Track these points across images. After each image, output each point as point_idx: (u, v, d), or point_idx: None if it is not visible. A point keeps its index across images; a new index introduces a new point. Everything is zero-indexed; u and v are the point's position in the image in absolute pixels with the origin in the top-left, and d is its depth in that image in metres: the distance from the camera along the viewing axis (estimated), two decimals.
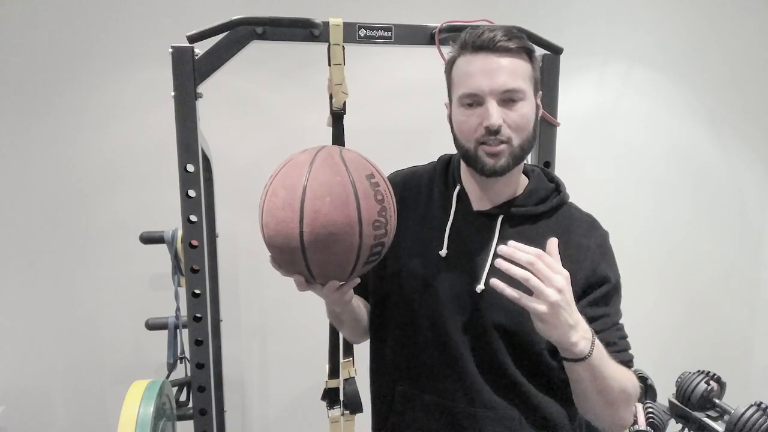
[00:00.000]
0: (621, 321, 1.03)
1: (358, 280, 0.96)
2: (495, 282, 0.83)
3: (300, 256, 0.84)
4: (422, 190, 1.13)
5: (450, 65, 1.02)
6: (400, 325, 1.09)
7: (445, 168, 1.13)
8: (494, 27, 0.97)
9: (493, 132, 0.94)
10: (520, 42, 0.96)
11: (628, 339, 1.02)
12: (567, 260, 0.95)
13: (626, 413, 0.95)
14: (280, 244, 0.85)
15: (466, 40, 0.97)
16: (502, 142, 0.95)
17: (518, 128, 0.95)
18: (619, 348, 0.98)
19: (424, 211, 1.10)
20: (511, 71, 0.94)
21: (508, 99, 0.94)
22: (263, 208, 0.88)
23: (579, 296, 0.96)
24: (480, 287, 0.99)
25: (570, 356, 0.85)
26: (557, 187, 1.08)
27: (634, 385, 0.95)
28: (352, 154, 0.93)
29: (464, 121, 0.98)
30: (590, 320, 0.93)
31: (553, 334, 0.82)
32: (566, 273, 0.83)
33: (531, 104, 0.97)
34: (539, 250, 0.82)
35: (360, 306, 1.15)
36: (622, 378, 0.91)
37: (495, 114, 0.93)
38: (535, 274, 0.80)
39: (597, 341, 0.86)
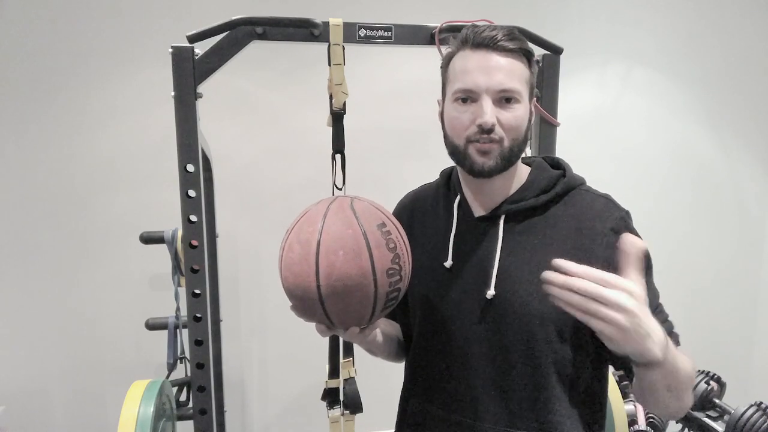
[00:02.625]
0: (659, 301, 0.96)
1: (379, 324, 0.98)
2: (556, 295, 0.76)
3: (319, 307, 0.88)
4: (428, 206, 1.13)
5: (447, 61, 1.00)
6: (416, 340, 1.10)
7: (447, 180, 1.12)
8: (495, 26, 0.96)
9: (486, 131, 0.92)
10: (521, 44, 0.94)
11: (669, 318, 0.95)
12: (580, 250, 0.94)
13: (690, 398, 0.89)
14: (299, 296, 0.90)
15: (467, 36, 0.96)
16: (492, 141, 0.93)
17: (511, 129, 0.93)
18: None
19: (430, 226, 1.10)
20: (508, 71, 0.93)
21: (503, 99, 0.93)
22: (281, 263, 0.92)
23: None
24: (490, 293, 0.97)
25: (642, 362, 0.79)
26: (564, 173, 1.03)
27: (693, 366, 0.88)
28: (363, 204, 0.94)
29: (456, 117, 0.96)
30: None
31: (627, 349, 0.76)
32: (638, 284, 0.74)
33: (525, 108, 0.96)
34: (591, 271, 0.73)
35: (390, 334, 1.17)
36: (687, 366, 0.84)
37: (489, 112, 0.91)
38: (598, 299, 0.73)
39: (669, 341, 0.80)
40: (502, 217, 1.00)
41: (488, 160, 0.94)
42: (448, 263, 1.03)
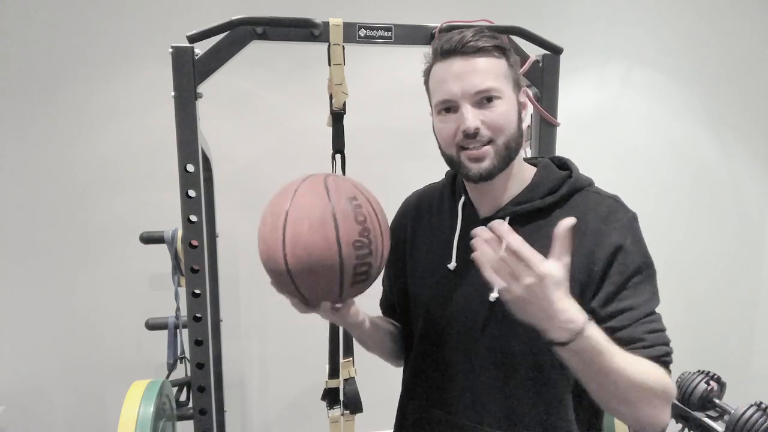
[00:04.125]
0: (656, 310, 0.94)
1: (353, 302, 0.97)
2: (474, 256, 0.80)
3: (287, 278, 0.89)
4: (433, 206, 1.12)
5: (426, 75, 1.01)
6: (418, 341, 1.09)
7: (452, 181, 1.12)
8: (464, 29, 0.95)
9: (471, 135, 0.92)
10: (491, 40, 0.93)
11: (663, 331, 0.93)
12: (585, 252, 0.93)
13: (653, 412, 0.85)
14: (271, 268, 0.90)
15: (437, 46, 0.96)
16: (484, 144, 0.93)
17: (498, 128, 0.92)
18: (646, 344, 0.90)
19: (435, 227, 1.09)
20: (482, 71, 0.92)
21: (482, 100, 0.92)
22: (258, 236, 0.93)
23: (598, 288, 0.92)
24: (494, 295, 0.96)
25: (547, 340, 0.80)
26: (571, 174, 1.02)
27: (659, 382, 0.85)
28: (339, 179, 0.95)
29: (443, 128, 0.96)
30: (611, 316, 0.90)
31: (525, 317, 0.79)
32: (560, 262, 0.77)
33: (510, 102, 0.94)
34: (514, 242, 0.77)
35: (383, 326, 1.15)
36: (639, 374, 0.82)
37: (470, 117, 0.91)
38: (511, 262, 0.77)
39: (594, 333, 0.79)
40: (507, 219, 0.99)
41: (482, 164, 0.93)
42: (452, 265, 1.02)
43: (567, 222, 0.78)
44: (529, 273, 0.75)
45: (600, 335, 0.80)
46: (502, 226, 0.78)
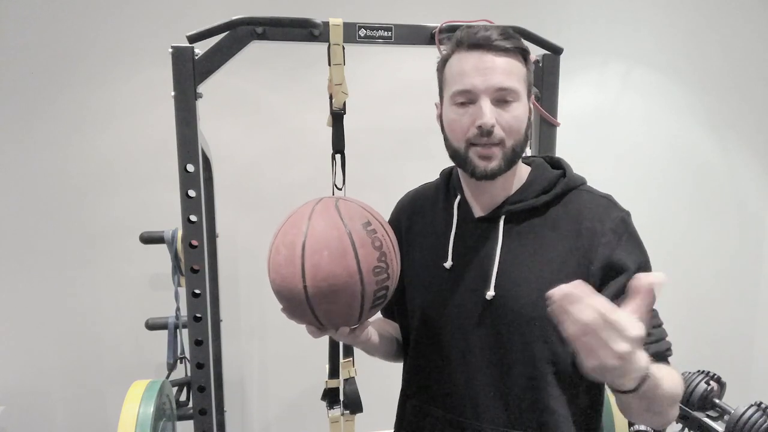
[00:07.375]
0: (654, 306, 0.91)
1: (369, 323, 0.98)
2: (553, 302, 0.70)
3: (306, 308, 0.89)
4: (428, 205, 1.13)
5: (443, 63, 1.00)
6: (415, 340, 1.10)
7: (447, 180, 1.12)
8: (490, 26, 0.95)
9: (486, 132, 0.91)
10: (516, 42, 0.94)
11: (662, 326, 0.94)
12: (579, 251, 0.94)
13: (672, 413, 0.87)
14: (287, 297, 0.90)
15: (461, 38, 0.95)
16: (494, 144, 0.93)
17: (511, 130, 0.93)
18: (653, 338, 0.91)
19: (430, 226, 1.10)
20: (505, 70, 0.92)
21: (501, 98, 0.92)
22: (269, 265, 0.92)
23: (597, 288, 0.92)
24: (490, 294, 0.96)
25: (613, 389, 0.77)
26: (564, 173, 1.02)
27: (679, 385, 0.87)
28: (349, 203, 0.94)
29: (456, 120, 0.95)
30: None
31: (599, 378, 0.73)
32: (641, 325, 0.68)
33: (524, 106, 0.95)
34: (603, 305, 0.67)
35: (387, 335, 1.16)
36: (671, 388, 0.82)
37: (488, 113, 0.91)
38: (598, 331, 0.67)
39: (653, 372, 0.75)
40: (502, 218, 1.00)
41: (490, 163, 0.93)
42: (448, 264, 1.03)
43: (655, 278, 0.70)
44: (622, 339, 0.66)
45: (654, 369, 0.76)
46: (582, 287, 0.68)
